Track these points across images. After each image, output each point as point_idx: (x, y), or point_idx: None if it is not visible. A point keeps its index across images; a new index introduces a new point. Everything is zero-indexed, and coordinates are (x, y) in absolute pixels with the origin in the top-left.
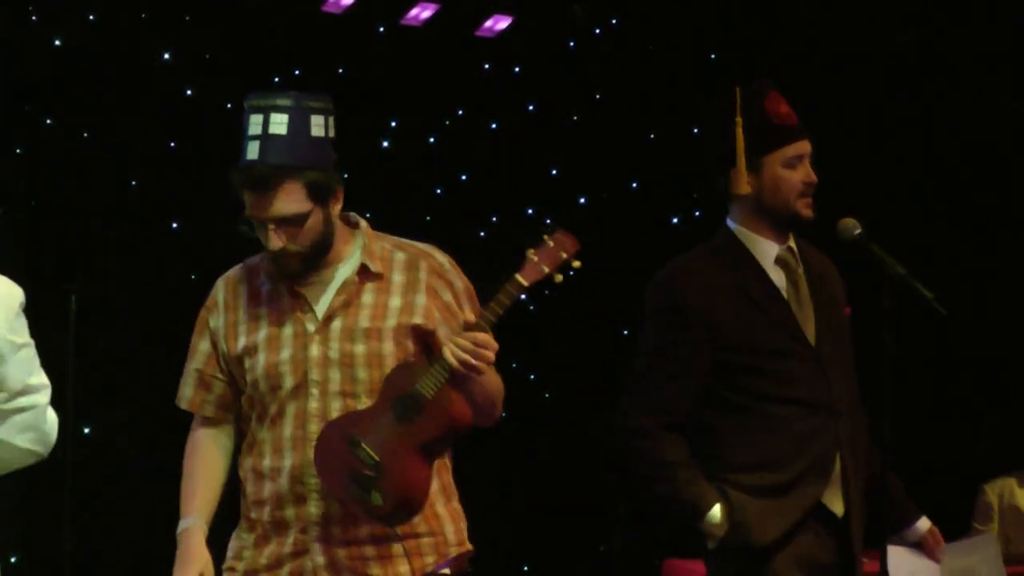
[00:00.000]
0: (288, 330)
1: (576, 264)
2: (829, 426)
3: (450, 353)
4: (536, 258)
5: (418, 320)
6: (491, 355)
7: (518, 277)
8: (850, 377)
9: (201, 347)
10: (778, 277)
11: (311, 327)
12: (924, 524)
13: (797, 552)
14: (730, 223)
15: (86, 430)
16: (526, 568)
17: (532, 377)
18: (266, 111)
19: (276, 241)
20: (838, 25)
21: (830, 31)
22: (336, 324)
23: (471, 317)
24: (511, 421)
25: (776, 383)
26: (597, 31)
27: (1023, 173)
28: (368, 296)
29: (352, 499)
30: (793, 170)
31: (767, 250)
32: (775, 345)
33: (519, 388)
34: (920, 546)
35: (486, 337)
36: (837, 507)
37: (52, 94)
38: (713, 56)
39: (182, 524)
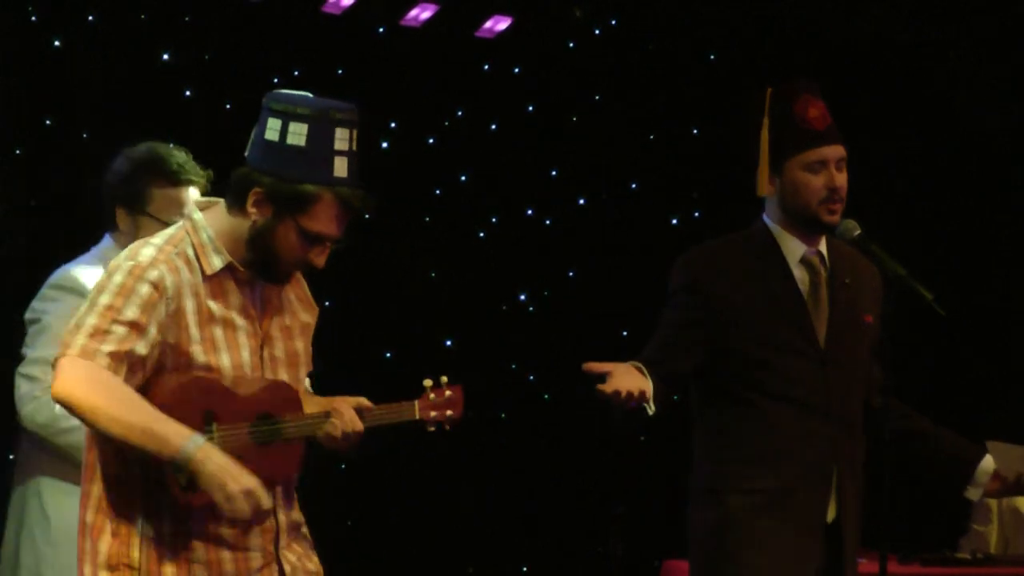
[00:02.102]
0: (242, 329)
1: (448, 427)
2: (823, 430)
3: (339, 427)
4: (432, 397)
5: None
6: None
7: (416, 404)
8: (857, 386)
9: (151, 331)
10: (800, 276)
11: (259, 327)
12: (989, 464)
13: (757, 538)
14: (764, 217)
15: None
16: (526, 568)
17: (532, 377)
18: (352, 127)
19: (323, 260)
20: (838, 25)
21: (830, 31)
22: (273, 322)
23: (369, 406)
24: (511, 421)
25: (778, 380)
26: (597, 31)
27: (1023, 173)
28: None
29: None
30: (815, 175)
31: (794, 248)
32: (784, 340)
33: (519, 388)
34: (995, 478)
35: (360, 432)
36: (829, 513)
37: (52, 94)
38: (713, 56)
39: (193, 441)
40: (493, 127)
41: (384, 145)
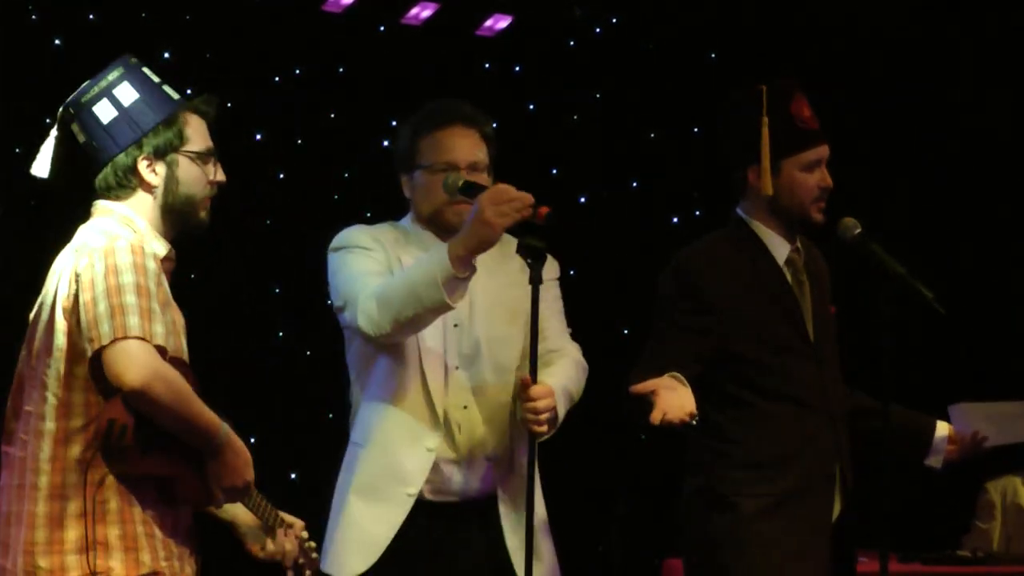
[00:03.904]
0: (179, 316)
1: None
2: (826, 429)
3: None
4: (307, 546)
5: None
6: None
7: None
8: (840, 377)
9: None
10: (787, 273)
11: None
12: (943, 429)
13: (770, 542)
14: (742, 214)
15: None
16: None
17: None
18: (146, 64)
19: (221, 172)
20: (837, 24)
21: (829, 30)
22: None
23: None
24: None
25: (779, 379)
26: (597, 30)
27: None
28: None
29: None
30: (810, 174)
31: (779, 246)
32: (783, 340)
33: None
34: (951, 441)
35: None
36: (835, 509)
37: (52, 94)
38: (713, 56)
39: (222, 432)
40: (493, 126)
41: (384, 144)
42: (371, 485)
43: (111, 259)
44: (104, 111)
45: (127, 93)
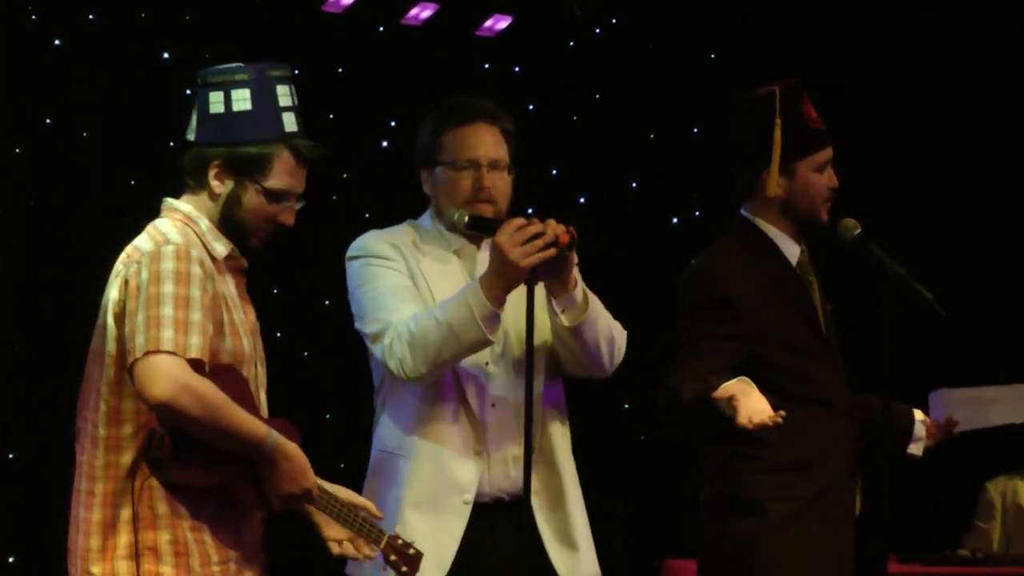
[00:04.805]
0: (243, 317)
1: None
2: (846, 428)
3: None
4: (400, 543)
5: None
6: None
7: (385, 537)
8: (845, 375)
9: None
10: (799, 274)
11: (248, 318)
12: (919, 416)
13: (799, 545)
14: (749, 216)
15: None
16: None
17: None
18: (290, 82)
19: (292, 217)
20: (837, 24)
21: (829, 30)
22: (251, 316)
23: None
24: None
25: (803, 381)
26: (597, 31)
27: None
28: None
29: None
30: (821, 174)
31: (791, 249)
32: (803, 342)
33: None
34: (925, 428)
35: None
36: (857, 506)
37: (52, 94)
38: (713, 56)
39: (270, 440)
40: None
41: (384, 144)
42: (428, 499)
43: (155, 266)
44: (214, 101)
45: (242, 99)
